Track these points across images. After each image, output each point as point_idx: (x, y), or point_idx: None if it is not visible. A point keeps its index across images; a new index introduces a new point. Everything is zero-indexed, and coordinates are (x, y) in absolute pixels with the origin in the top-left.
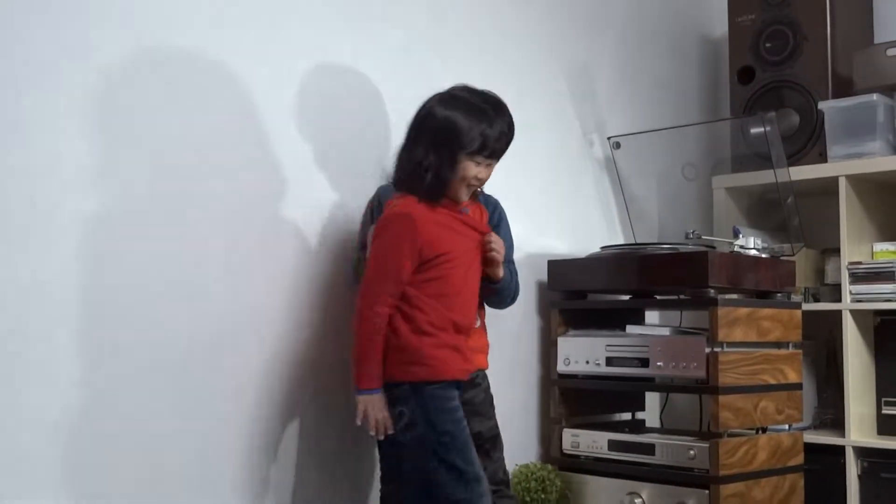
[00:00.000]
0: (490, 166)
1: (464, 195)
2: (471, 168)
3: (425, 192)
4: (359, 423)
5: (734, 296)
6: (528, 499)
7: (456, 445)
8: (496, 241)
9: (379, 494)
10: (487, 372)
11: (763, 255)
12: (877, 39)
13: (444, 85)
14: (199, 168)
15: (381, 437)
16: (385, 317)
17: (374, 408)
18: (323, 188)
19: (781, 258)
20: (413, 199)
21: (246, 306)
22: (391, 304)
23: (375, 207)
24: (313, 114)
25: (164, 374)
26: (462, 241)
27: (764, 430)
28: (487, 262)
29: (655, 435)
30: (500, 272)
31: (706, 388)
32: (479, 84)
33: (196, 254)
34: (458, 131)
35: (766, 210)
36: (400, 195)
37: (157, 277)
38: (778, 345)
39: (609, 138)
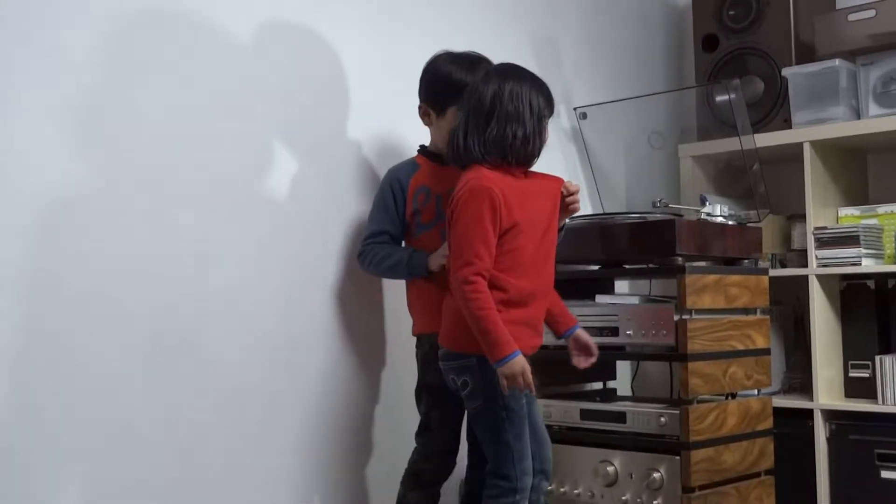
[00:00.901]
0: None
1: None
2: (547, 132)
3: (516, 161)
4: (506, 392)
5: (702, 263)
6: None
7: (512, 422)
8: (575, 188)
9: None
10: None
11: (730, 223)
12: (839, 5)
13: (407, 56)
14: (166, 146)
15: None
16: (485, 285)
17: (515, 372)
18: (290, 165)
19: (748, 225)
20: (487, 170)
21: (219, 287)
22: (485, 276)
23: (396, 188)
24: (281, 88)
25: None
26: (540, 206)
27: (733, 396)
28: (567, 211)
29: (626, 403)
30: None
31: (675, 355)
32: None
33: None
34: (538, 101)
35: (732, 177)
36: (472, 169)
37: (127, 258)
38: (746, 311)
39: (575, 109)
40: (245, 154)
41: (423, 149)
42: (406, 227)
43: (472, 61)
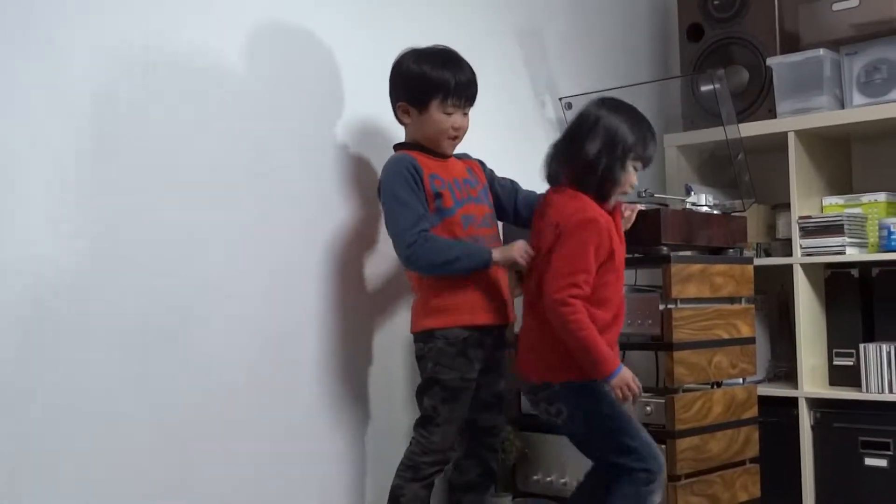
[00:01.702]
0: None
1: (614, 199)
2: (632, 176)
3: (595, 192)
4: (622, 404)
5: (687, 253)
6: None
7: (620, 425)
8: (630, 211)
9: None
10: None
11: (715, 212)
12: None
13: (392, 47)
14: (155, 140)
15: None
16: (583, 306)
17: (628, 381)
18: (278, 158)
19: (733, 214)
20: (590, 199)
21: (207, 281)
22: (583, 300)
23: (413, 171)
24: (268, 81)
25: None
26: (620, 243)
27: (718, 385)
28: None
29: None
30: None
31: (661, 344)
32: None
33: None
34: (625, 139)
35: (717, 167)
36: (570, 192)
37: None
38: (731, 300)
39: (561, 99)
40: (233, 147)
41: (409, 144)
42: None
43: (444, 55)
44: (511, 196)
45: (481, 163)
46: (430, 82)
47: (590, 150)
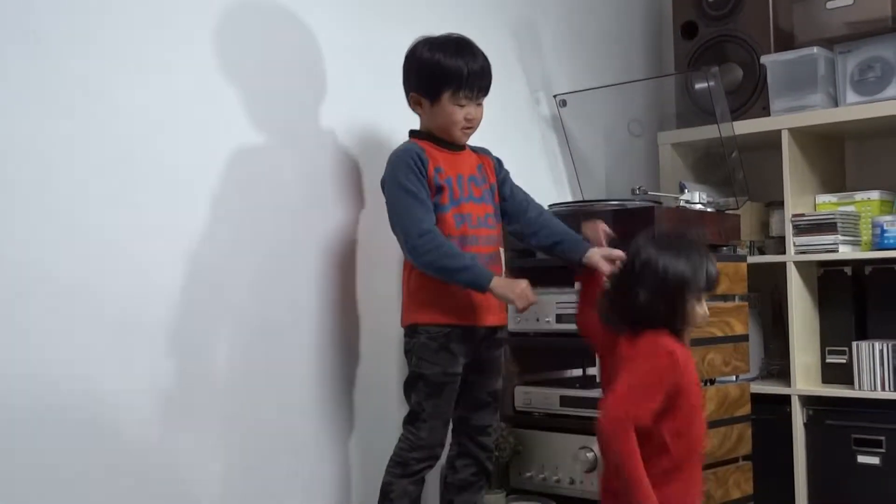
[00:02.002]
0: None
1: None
2: (702, 307)
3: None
4: None
5: None
6: None
7: None
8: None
9: None
10: None
11: (708, 210)
12: None
13: (384, 42)
14: (139, 131)
15: None
16: (633, 432)
17: None
18: (265, 150)
19: (726, 212)
20: (670, 338)
21: (192, 274)
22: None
23: (418, 162)
24: (255, 73)
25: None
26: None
27: (712, 382)
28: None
29: None
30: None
31: None
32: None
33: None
34: (681, 273)
35: (711, 164)
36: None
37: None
38: (724, 297)
39: (555, 96)
40: (219, 139)
41: (422, 133)
42: None
43: (457, 44)
44: (520, 207)
45: (498, 162)
46: (442, 73)
47: (644, 296)
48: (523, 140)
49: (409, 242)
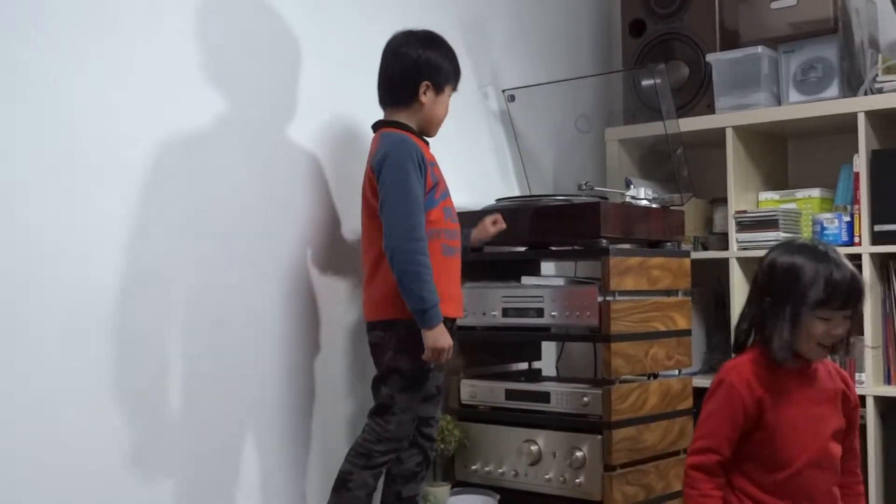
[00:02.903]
0: (847, 319)
1: (815, 354)
2: (818, 326)
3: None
4: None
5: (626, 245)
6: None
7: None
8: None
9: None
10: None
11: (654, 206)
12: None
13: (334, 38)
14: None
15: None
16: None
17: None
18: (221, 141)
19: (671, 208)
20: (747, 358)
21: (142, 266)
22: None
23: (419, 161)
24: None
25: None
26: (809, 408)
27: (655, 376)
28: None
29: (551, 383)
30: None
31: (599, 336)
32: (376, 36)
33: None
34: (800, 282)
35: (656, 161)
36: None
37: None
38: (668, 293)
39: (504, 91)
40: (168, 129)
41: (407, 127)
42: None
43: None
44: None
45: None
46: (453, 67)
47: (756, 301)
48: (471, 134)
49: (393, 243)
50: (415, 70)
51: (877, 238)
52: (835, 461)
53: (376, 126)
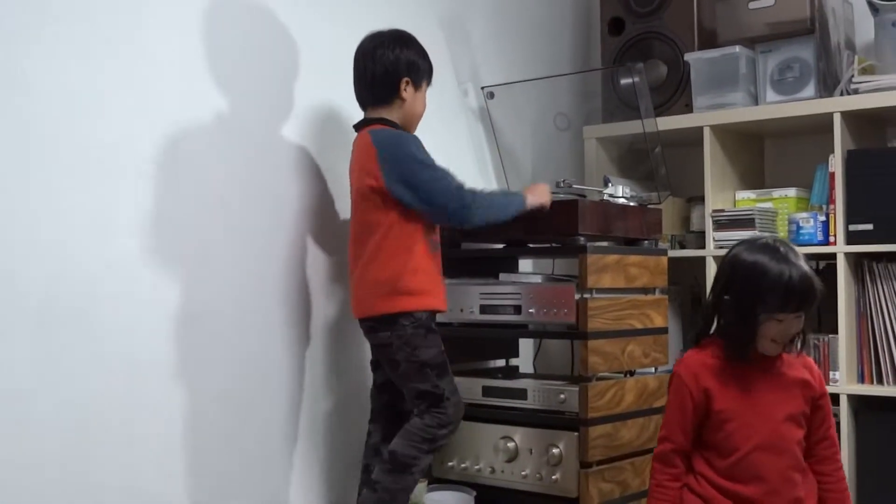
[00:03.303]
0: (800, 319)
1: (769, 350)
2: (773, 327)
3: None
4: None
5: (603, 243)
6: None
7: None
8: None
9: None
10: None
11: (631, 204)
12: None
13: (312, 34)
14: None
15: None
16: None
17: None
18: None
19: (649, 206)
20: (699, 350)
21: (116, 258)
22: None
23: (389, 157)
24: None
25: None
26: (760, 395)
27: (631, 374)
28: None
29: (528, 380)
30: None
31: (576, 333)
32: (355, 31)
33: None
34: (759, 286)
35: (634, 159)
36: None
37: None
38: (645, 290)
39: (483, 88)
40: (144, 122)
41: (393, 124)
42: None
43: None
44: None
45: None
46: (427, 64)
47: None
48: (450, 131)
49: (453, 213)
50: (394, 68)
51: (851, 237)
52: (789, 444)
53: (360, 125)
